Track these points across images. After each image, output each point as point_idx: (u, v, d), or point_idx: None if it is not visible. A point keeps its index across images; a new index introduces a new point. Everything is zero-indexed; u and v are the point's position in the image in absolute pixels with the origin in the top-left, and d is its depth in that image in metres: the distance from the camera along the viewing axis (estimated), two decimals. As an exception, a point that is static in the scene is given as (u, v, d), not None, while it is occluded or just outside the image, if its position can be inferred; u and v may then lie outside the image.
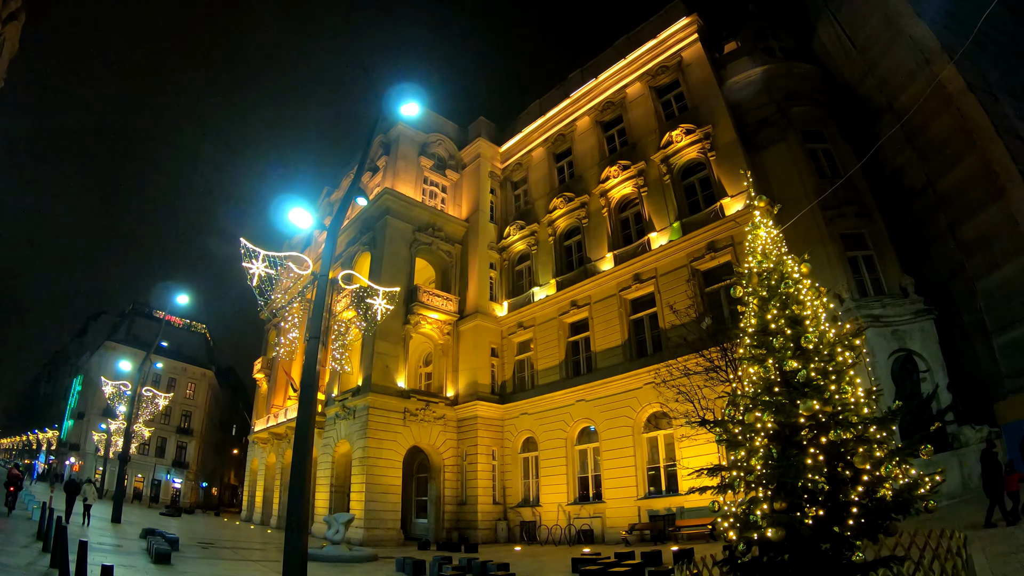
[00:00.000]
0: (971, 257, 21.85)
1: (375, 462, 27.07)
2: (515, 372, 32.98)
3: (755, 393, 7.70)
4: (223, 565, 16.18)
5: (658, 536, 21.99)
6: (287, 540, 8.60)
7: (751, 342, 8.05)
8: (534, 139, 37.70)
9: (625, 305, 28.41)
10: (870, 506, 6.62)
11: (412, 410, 29.40)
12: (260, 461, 42.89)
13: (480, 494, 28.73)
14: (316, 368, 9.87)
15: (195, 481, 71.36)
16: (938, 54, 22.04)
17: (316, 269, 12.48)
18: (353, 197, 11.83)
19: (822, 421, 7.12)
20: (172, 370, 69.80)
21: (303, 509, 8.80)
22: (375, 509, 26.36)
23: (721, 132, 26.99)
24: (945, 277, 23.05)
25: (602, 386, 27.19)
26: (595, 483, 27.01)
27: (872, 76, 25.98)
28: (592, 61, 35.28)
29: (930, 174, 23.40)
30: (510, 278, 35.67)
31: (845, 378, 7.38)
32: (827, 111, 27.02)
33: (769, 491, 6.97)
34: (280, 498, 37.86)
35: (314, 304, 10.63)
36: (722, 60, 30.38)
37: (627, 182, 30.46)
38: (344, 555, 19.18)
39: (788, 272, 8.17)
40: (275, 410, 41.28)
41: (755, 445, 7.30)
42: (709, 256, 25.41)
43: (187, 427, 71.45)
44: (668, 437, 24.62)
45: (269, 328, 50.67)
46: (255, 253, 10.79)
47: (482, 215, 36.71)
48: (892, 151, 24.22)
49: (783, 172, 25.04)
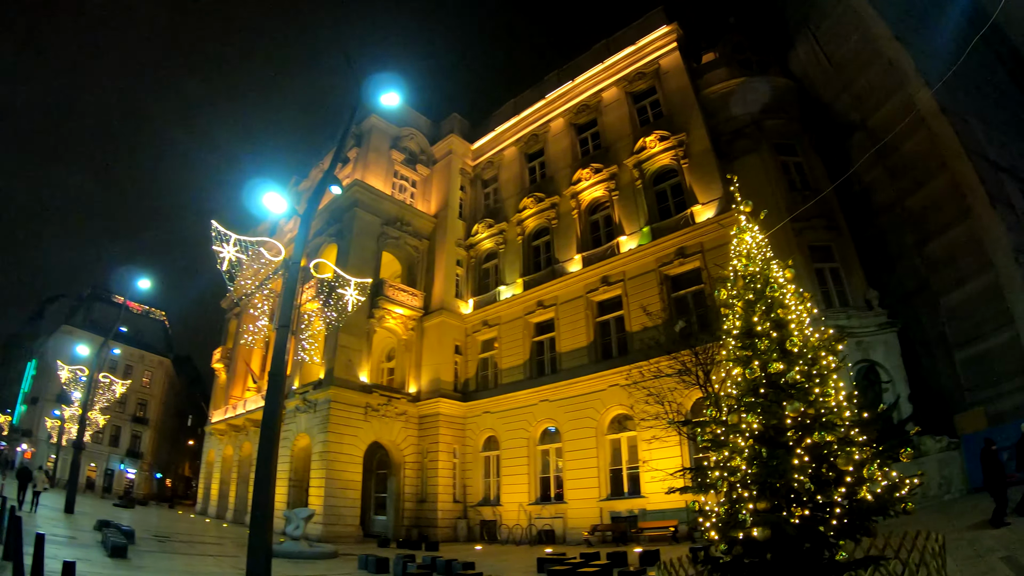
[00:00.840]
0: (936, 273, 22.63)
1: (335, 457, 26.72)
2: (478, 370, 32.85)
3: (740, 394, 7.77)
4: (181, 560, 15.77)
5: (620, 537, 22.12)
6: (252, 535, 8.36)
7: (736, 344, 8.10)
8: (507, 138, 37.65)
9: (592, 307, 28.49)
10: (852, 507, 6.73)
11: (374, 405, 29.08)
12: (217, 453, 42.04)
13: (441, 492, 28.51)
14: (285, 358, 9.60)
15: (149, 472, 69.74)
16: (913, 77, 22.69)
17: (288, 255, 12.16)
18: (328, 184, 11.59)
19: (806, 423, 7.20)
20: (129, 357, 68.10)
21: (269, 503, 8.56)
22: (334, 505, 26.02)
23: (695, 140, 27.26)
24: (909, 292, 23.74)
25: (566, 387, 27.23)
26: (557, 484, 27.01)
27: (847, 94, 26.68)
28: (569, 64, 35.36)
29: (899, 192, 24.05)
30: (476, 276, 35.56)
31: (829, 381, 7.50)
32: (801, 125, 27.63)
33: (754, 491, 7.04)
34: (236, 491, 37.19)
35: (284, 292, 10.34)
36: (699, 70, 30.74)
37: (599, 185, 30.57)
38: (305, 551, 18.85)
39: (774, 277, 8.25)
40: (234, 401, 40.57)
41: (740, 445, 7.36)
42: (678, 262, 25.63)
43: (142, 416, 69.74)
44: (632, 439, 24.72)
45: (230, 317, 49.83)
46: (226, 236, 10.46)
47: (451, 211, 36.53)
48: (863, 168, 24.82)
49: (755, 183, 25.28)
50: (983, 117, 23.34)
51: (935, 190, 22.72)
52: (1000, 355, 20.32)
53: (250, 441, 36.13)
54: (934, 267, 22.85)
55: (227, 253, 10.50)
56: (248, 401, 36.57)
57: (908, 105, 22.35)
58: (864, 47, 25.39)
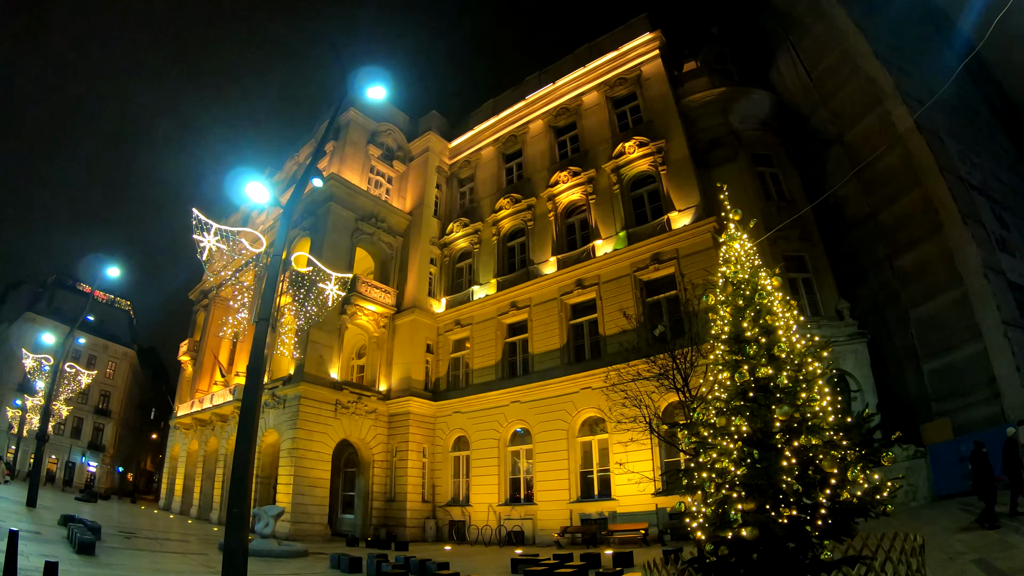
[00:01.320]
0: (907, 287, 23.20)
1: (304, 454, 26.42)
2: (450, 369, 32.72)
3: (728, 397, 7.90)
4: (149, 557, 15.38)
5: (590, 539, 22.23)
6: (228, 532, 8.15)
7: (725, 348, 8.24)
8: (485, 138, 37.60)
9: (566, 309, 28.56)
10: (836, 508, 6.92)
11: (344, 402, 28.83)
12: (181, 448, 41.26)
13: (409, 491, 28.34)
14: (264, 352, 9.40)
15: (111, 465, 68.18)
16: (891, 94, 23.20)
17: (267, 247, 11.92)
18: (311, 177, 11.41)
19: (793, 427, 7.37)
20: (93, 347, 66.38)
21: (246, 501, 8.38)
22: (302, 503, 25.70)
23: (674, 148, 27.48)
24: (880, 303, 24.29)
25: (539, 388, 27.25)
26: (527, 485, 27.04)
27: (825, 108, 27.21)
28: (551, 66, 35.44)
29: (873, 206, 24.57)
30: (450, 275, 35.45)
31: (815, 386, 7.68)
32: (778, 137, 28.14)
33: (743, 492, 7.17)
34: (201, 487, 36.55)
35: (265, 285, 10.10)
36: (680, 78, 31.05)
37: (576, 188, 30.65)
38: (275, 550, 18.54)
39: (762, 284, 8.42)
40: (200, 395, 39.86)
41: (729, 448, 7.48)
42: (653, 267, 25.81)
43: (105, 408, 68.11)
44: (603, 442, 24.87)
45: (198, 309, 49.06)
46: (207, 226, 10.22)
47: (426, 209, 36.36)
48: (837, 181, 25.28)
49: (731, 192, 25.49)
50: (956, 136, 23.98)
51: (908, 205, 23.28)
52: (967, 367, 20.90)
53: (216, 436, 35.58)
54: (904, 280, 23.38)
55: (207, 242, 10.25)
56: (216, 395, 35.91)
57: (885, 122, 22.91)
58: (844, 63, 25.94)
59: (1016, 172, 28.49)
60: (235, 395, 32.71)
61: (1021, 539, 10.74)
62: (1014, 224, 24.69)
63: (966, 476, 17.46)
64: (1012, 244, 23.70)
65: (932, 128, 22.90)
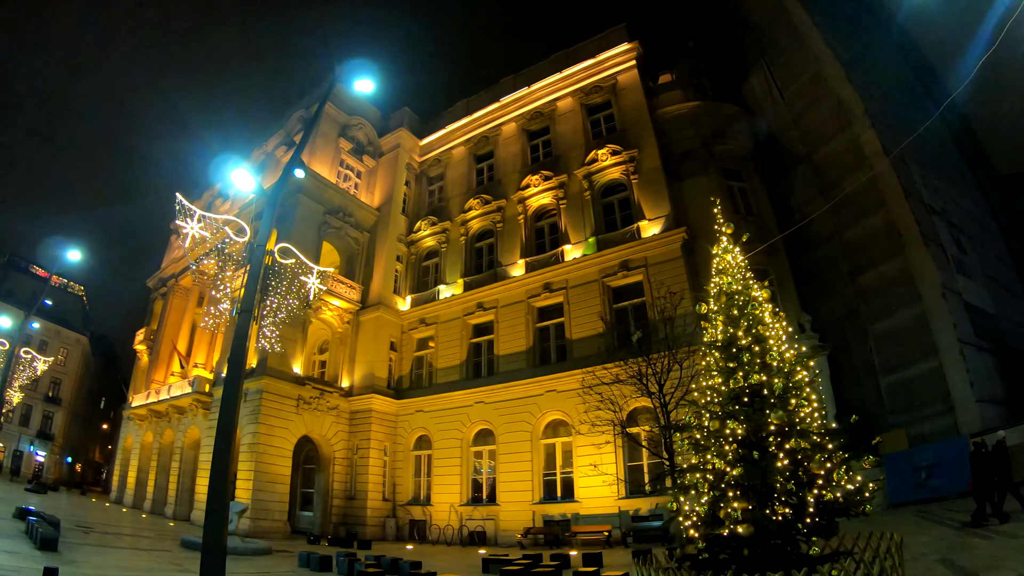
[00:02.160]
0: (867, 303, 24.11)
1: (265, 449, 26.09)
2: (413, 368, 32.63)
3: (723, 402, 8.28)
4: (115, 554, 15.09)
5: (553, 541, 22.43)
6: (207, 530, 7.97)
7: (719, 355, 8.65)
8: (456, 137, 37.58)
9: (533, 312, 28.76)
10: (823, 507, 7.37)
11: (306, 398, 28.53)
12: (135, 439, 40.23)
13: (370, 490, 28.17)
14: (246, 345, 9.25)
15: (60, 455, 65.96)
16: (860, 118, 24.00)
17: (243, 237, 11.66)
18: (293, 168, 11.25)
19: (785, 430, 7.79)
20: (45, 332, 64.14)
21: (225, 497, 8.24)
22: (263, 499, 25.33)
23: (646, 157, 27.92)
24: (840, 318, 25.07)
25: (503, 390, 27.39)
26: (489, 485, 27.12)
27: (796, 127, 27.97)
28: (526, 69, 35.57)
29: (838, 225, 25.36)
30: (416, 273, 35.38)
31: (803, 392, 8.13)
32: (748, 152, 28.85)
33: (738, 492, 7.52)
34: (156, 481, 35.70)
35: (248, 276, 9.92)
36: (655, 89, 31.48)
37: (547, 192, 30.87)
38: (239, 547, 18.20)
39: (754, 296, 8.89)
40: (156, 386, 39.02)
41: (725, 449, 7.87)
42: (621, 274, 26.18)
43: (55, 396, 65.80)
44: (566, 444, 25.15)
45: (155, 297, 47.92)
46: (190, 212, 9.99)
47: (394, 206, 36.21)
48: (804, 199, 26.11)
49: (700, 204, 26.18)
50: (920, 161, 24.91)
51: (872, 226, 24.15)
52: (923, 382, 21.85)
53: (173, 429, 34.90)
54: (865, 297, 24.24)
55: (190, 229, 10.02)
56: (173, 387, 35.26)
57: (853, 144, 23.70)
58: (816, 85, 26.76)
59: (972, 197, 29.67)
60: (194, 387, 32.22)
61: (981, 540, 11.24)
62: (971, 248, 25.77)
63: (921, 485, 18.30)
64: (969, 267, 24.80)
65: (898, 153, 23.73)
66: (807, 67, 27.13)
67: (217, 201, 43.93)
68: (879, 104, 25.13)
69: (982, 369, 21.95)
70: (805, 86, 27.41)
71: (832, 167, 25.41)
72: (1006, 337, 25.33)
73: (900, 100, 26.51)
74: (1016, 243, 32.81)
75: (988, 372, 22.41)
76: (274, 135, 40.87)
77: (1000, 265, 29.41)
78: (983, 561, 9.57)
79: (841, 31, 27.39)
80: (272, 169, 37.53)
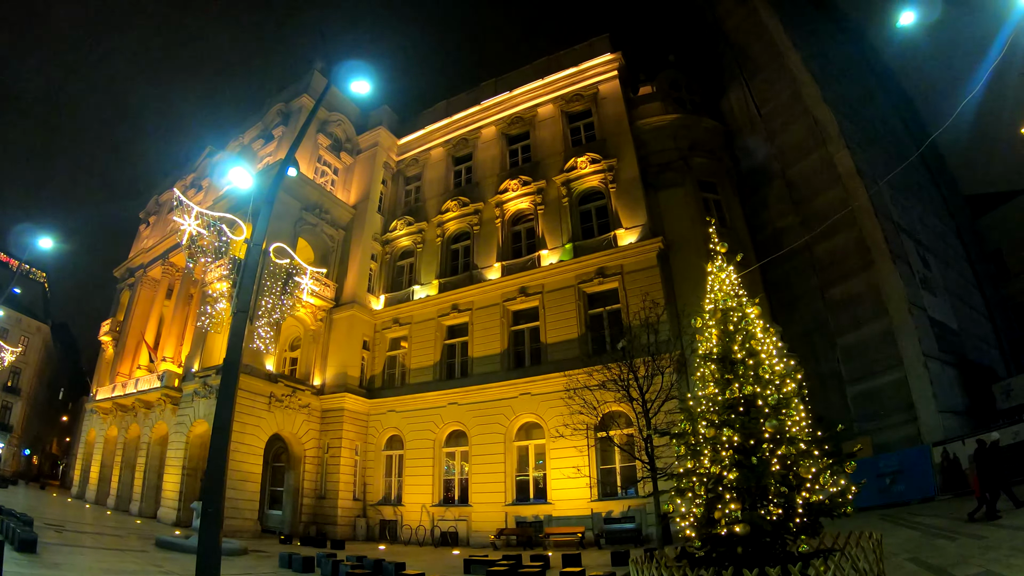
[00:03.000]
0: (835, 316, 25.10)
1: (236, 447, 25.73)
2: (386, 368, 32.60)
3: (719, 411, 8.81)
4: (94, 555, 14.78)
5: (526, 542, 22.72)
6: (202, 532, 7.94)
7: (714, 367, 9.18)
8: (435, 138, 37.63)
9: (508, 316, 28.99)
10: (810, 508, 8.07)
11: (278, 395, 28.36)
12: (99, 433, 39.35)
13: (341, 489, 28.14)
14: (241, 345, 9.23)
15: (18, 447, 64.25)
16: (835, 138, 24.79)
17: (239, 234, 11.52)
18: (287, 167, 11.16)
19: (777, 437, 8.32)
20: (6, 320, 62.13)
21: (221, 498, 8.24)
22: (233, 498, 24.98)
23: (625, 167, 28.35)
24: (809, 330, 25.93)
25: (477, 392, 27.58)
26: (461, 486, 27.30)
27: (771, 144, 28.78)
28: (508, 74, 35.80)
29: (809, 239, 26.09)
30: (391, 272, 35.34)
31: (792, 403, 8.71)
32: (724, 166, 29.53)
33: (734, 494, 8.09)
34: (120, 477, 34.92)
35: (243, 275, 9.85)
36: (635, 100, 31.93)
37: (525, 197, 31.14)
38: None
39: (747, 312, 9.46)
40: (121, 379, 38.35)
41: (722, 455, 8.37)
42: (597, 281, 26.57)
43: (15, 386, 63.81)
44: (540, 447, 25.48)
45: (122, 288, 46.97)
46: (188, 208, 9.91)
47: (371, 204, 36.12)
48: (777, 213, 26.83)
49: (677, 214, 26.89)
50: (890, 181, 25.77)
51: (842, 242, 25.13)
52: (887, 392, 22.94)
53: (139, 423, 34.32)
54: (834, 310, 25.18)
55: (187, 226, 9.94)
56: (140, 380, 34.68)
57: (827, 163, 24.45)
58: (793, 104, 27.63)
59: (938, 216, 30.68)
60: (163, 381, 31.74)
61: (947, 542, 11.88)
62: (936, 265, 26.77)
63: (884, 490, 19.07)
64: (933, 283, 25.82)
65: (869, 172, 24.61)
66: (785, 86, 27.94)
67: (189, 192, 43.35)
68: (853, 125, 26.05)
69: (944, 381, 23.12)
70: (782, 104, 28.22)
71: (806, 184, 26.27)
72: (967, 351, 26.48)
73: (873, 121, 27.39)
74: (977, 261, 34.02)
75: (950, 384, 23.63)
76: (251, 127, 40.43)
77: (962, 282, 30.54)
78: (951, 559, 10.12)
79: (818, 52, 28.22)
80: (249, 162, 37.17)
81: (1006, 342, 31.41)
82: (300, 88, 37.21)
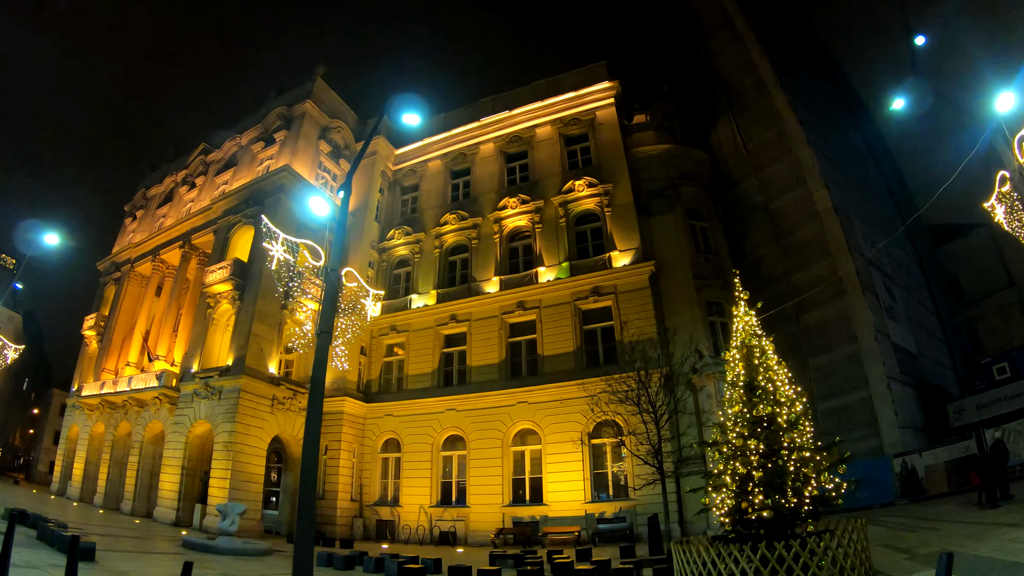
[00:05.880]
0: (809, 339, 27.49)
1: (241, 448, 26.65)
2: (382, 373, 33.66)
3: (746, 425, 11.36)
4: (143, 560, 14.91)
5: (524, 541, 24.19)
6: (297, 540, 8.87)
7: (741, 393, 11.69)
8: (433, 151, 38.72)
9: (505, 327, 30.43)
10: (813, 499, 10.56)
11: (280, 398, 29.29)
12: (83, 429, 38.54)
13: (340, 490, 29.19)
14: (326, 365, 10.16)
15: (-16, 440, 63.31)
16: (815, 177, 27.10)
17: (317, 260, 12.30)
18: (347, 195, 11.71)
19: (791, 446, 10.98)
20: (-19, 311, 61.28)
21: (313, 510, 9.15)
22: (239, 499, 25.55)
23: (620, 192, 30.17)
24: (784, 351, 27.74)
25: (476, 399, 28.95)
26: (459, 488, 28.55)
27: (755, 178, 30.96)
28: (507, 93, 37.24)
29: (787, 268, 28.45)
30: (387, 280, 36.28)
31: (802, 419, 11.37)
32: (711, 195, 31.46)
33: (760, 488, 10.62)
34: (109, 475, 34.51)
35: (324, 299, 10.75)
36: (630, 128, 33.69)
37: (523, 215, 32.62)
38: (246, 548, 18.67)
39: (766, 347, 12.04)
40: (108, 375, 38.16)
41: (749, 459, 10.96)
42: (592, 299, 28.30)
43: (-19, 378, 62.92)
44: (535, 452, 27.10)
45: (106, 282, 46.20)
46: (275, 235, 10.85)
47: (368, 212, 37.03)
48: (758, 242, 28.97)
49: (666, 239, 28.79)
50: (862, 217, 28.13)
51: (817, 273, 27.46)
52: (854, 409, 25.72)
53: (130, 422, 34.23)
54: (808, 334, 27.46)
55: (276, 252, 10.83)
56: (134, 379, 34.63)
57: (807, 199, 26.58)
58: (777, 142, 29.83)
59: (902, 246, 33.17)
60: (161, 381, 31.92)
61: (909, 533, 14.82)
62: (899, 294, 29.26)
63: (849, 497, 21.39)
64: (896, 312, 28.34)
65: (844, 210, 26.95)
66: (770, 124, 30.11)
67: (183, 189, 43.62)
68: (831, 164, 28.25)
69: (905, 400, 26.00)
70: (767, 141, 30.42)
71: (786, 216, 28.47)
72: (925, 374, 29.07)
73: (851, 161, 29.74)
74: (936, 288, 36.71)
75: (909, 403, 26.53)
76: (249, 128, 40.17)
77: (922, 309, 33.14)
78: (914, 544, 13.11)
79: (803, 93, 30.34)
80: (246, 162, 37.80)
81: (960, 366, 34.22)
82: (302, 94, 37.80)
